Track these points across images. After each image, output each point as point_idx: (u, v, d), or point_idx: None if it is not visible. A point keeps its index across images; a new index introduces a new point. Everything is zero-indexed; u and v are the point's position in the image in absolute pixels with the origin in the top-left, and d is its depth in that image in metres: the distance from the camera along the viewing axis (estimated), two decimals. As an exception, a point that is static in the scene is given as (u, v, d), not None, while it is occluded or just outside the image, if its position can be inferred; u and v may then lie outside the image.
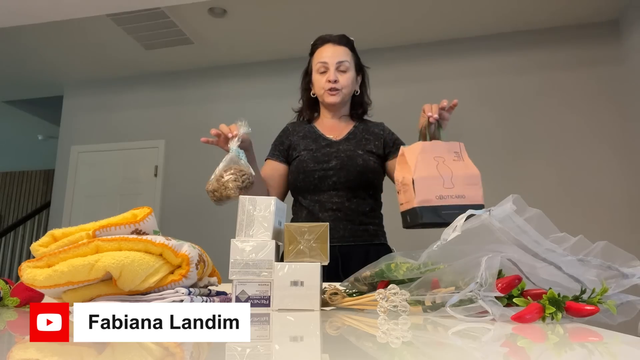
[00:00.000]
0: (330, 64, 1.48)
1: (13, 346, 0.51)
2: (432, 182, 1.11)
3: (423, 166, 1.13)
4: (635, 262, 0.69)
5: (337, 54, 1.49)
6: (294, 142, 1.55)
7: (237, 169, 1.22)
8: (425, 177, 1.11)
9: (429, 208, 1.09)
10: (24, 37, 4.04)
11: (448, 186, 1.11)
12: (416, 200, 1.10)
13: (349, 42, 1.54)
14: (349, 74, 1.50)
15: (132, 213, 0.81)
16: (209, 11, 3.64)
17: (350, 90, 1.52)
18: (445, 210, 1.09)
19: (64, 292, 0.73)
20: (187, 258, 0.76)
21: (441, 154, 1.16)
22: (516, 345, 0.51)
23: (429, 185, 1.11)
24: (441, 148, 1.17)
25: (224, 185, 1.20)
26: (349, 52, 1.51)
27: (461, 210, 1.06)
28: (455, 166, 1.14)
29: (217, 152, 1.32)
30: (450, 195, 1.11)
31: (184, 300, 0.72)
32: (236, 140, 1.28)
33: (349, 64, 1.50)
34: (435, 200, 1.10)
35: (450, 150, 1.17)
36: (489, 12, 3.61)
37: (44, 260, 0.72)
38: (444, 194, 1.11)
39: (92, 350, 0.48)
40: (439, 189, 1.11)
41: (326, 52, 1.50)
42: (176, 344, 0.50)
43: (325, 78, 1.49)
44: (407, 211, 1.14)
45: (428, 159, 1.14)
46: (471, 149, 1.21)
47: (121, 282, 0.71)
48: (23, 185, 7.65)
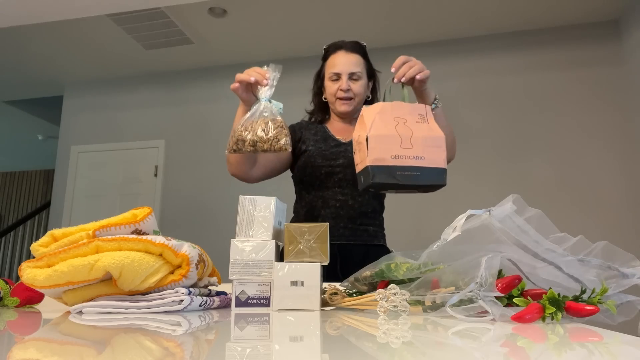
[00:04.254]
0: (343, 73, 1.47)
1: (13, 346, 0.51)
2: (388, 140, 1.03)
3: (380, 125, 1.04)
4: (635, 262, 0.69)
5: (350, 63, 1.48)
6: (304, 135, 1.55)
7: (279, 123, 1.12)
8: (380, 135, 1.03)
9: (382, 167, 1.01)
10: (24, 37, 4.04)
11: (406, 146, 1.03)
12: (369, 159, 1.01)
13: (361, 48, 1.53)
14: (361, 82, 1.49)
15: (132, 213, 0.81)
16: (209, 11, 3.64)
17: (362, 98, 1.52)
18: (401, 171, 1.02)
19: (64, 292, 0.73)
20: (187, 258, 0.76)
21: (402, 115, 1.07)
22: (516, 345, 0.51)
23: (384, 143, 1.02)
24: (404, 109, 1.08)
25: (276, 138, 1.10)
26: (361, 60, 1.51)
27: (418, 171, 1.03)
28: (418, 128, 1.06)
29: (217, 152, 1.31)
30: (407, 155, 1.02)
31: (183, 300, 0.72)
32: (268, 89, 1.15)
33: (361, 72, 1.49)
34: (389, 160, 1.01)
35: (414, 112, 1.09)
36: (489, 12, 3.61)
37: (44, 260, 0.72)
38: (400, 153, 1.02)
39: (92, 350, 0.48)
40: (395, 149, 1.02)
41: (339, 60, 1.49)
42: (176, 344, 0.50)
43: (338, 86, 1.48)
44: (360, 172, 1.06)
45: (387, 119, 1.05)
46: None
47: (121, 282, 0.71)
48: (23, 185, 7.65)
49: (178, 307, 0.72)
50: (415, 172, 1.03)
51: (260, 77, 1.15)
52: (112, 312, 0.70)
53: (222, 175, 4.64)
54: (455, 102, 3.77)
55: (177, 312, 0.72)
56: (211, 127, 4.38)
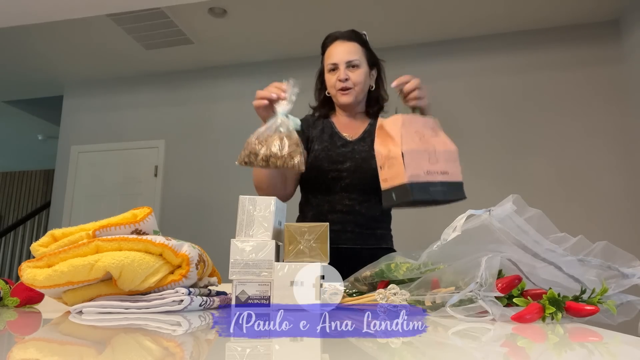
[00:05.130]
0: (340, 62, 1.43)
1: (13, 346, 0.51)
2: (420, 155, 1.01)
3: (409, 139, 1.02)
4: (635, 262, 0.69)
5: (346, 51, 1.44)
6: (312, 134, 1.51)
7: (295, 140, 1.09)
8: (413, 151, 1.01)
9: (419, 184, 0.99)
10: (24, 37, 4.04)
11: (433, 161, 1.02)
12: (407, 175, 0.98)
13: (357, 36, 1.48)
14: (360, 70, 1.44)
15: (132, 213, 0.81)
16: (209, 11, 3.64)
17: (363, 88, 1.47)
18: (433, 187, 1.00)
19: (64, 292, 0.73)
20: (187, 258, 0.76)
21: (420, 129, 1.06)
22: (516, 345, 0.51)
23: (417, 159, 1.01)
24: (419, 122, 1.07)
25: (290, 156, 1.07)
26: (358, 47, 1.46)
27: (445, 187, 1.03)
28: (436, 141, 1.06)
29: (217, 152, 1.31)
30: (436, 170, 1.02)
31: (184, 300, 0.72)
32: (287, 103, 1.13)
33: (359, 60, 1.44)
34: (423, 176, 1.00)
35: (427, 125, 1.08)
36: (489, 12, 3.61)
37: (44, 260, 0.72)
38: (430, 169, 1.01)
39: (92, 350, 0.48)
40: (426, 164, 1.01)
41: (335, 50, 1.45)
42: (176, 344, 0.50)
43: (336, 77, 1.44)
44: (393, 188, 1.03)
45: (411, 132, 1.04)
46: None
47: (121, 282, 0.71)
48: (23, 185, 7.65)
49: (178, 307, 0.72)
50: (444, 188, 1.02)
51: (279, 92, 1.15)
52: (112, 312, 0.70)
53: (222, 175, 4.65)
54: (455, 101, 3.77)
55: (177, 312, 0.72)
56: (211, 127, 4.38)
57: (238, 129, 3.16)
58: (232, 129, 4.15)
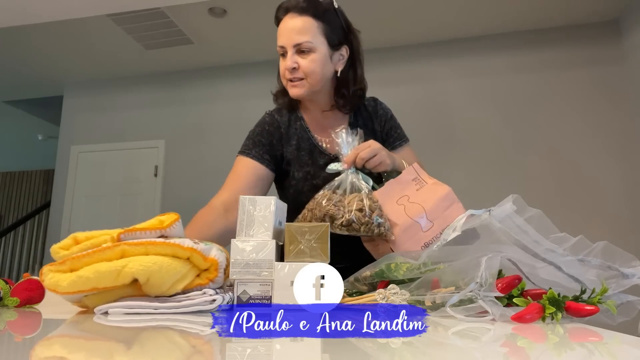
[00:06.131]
0: (287, 46, 1.13)
1: (36, 344, 0.51)
2: (409, 231, 0.94)
3: (393, 217, 0.95)
4: (635, 262, 0.69)
5: (295, 30, 1.12)
6: (287, 154, 1.22)
7: (375, 200, 0.97)
8: (403, 230, 0.93)
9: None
10: (25, 37, 4.04)
11: (427, 228, 0.94)
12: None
13: (313, 6, 1.14)
14: (313, 55, 1.13)
15: (158, 219, 0.77)
16: (209, 11, 3.64)
17: (320, 77, 1.15)
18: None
19: (86, 295, 0.70)
20: (217, 263, 0.73)
21: (401, 193, 0.98)
22: (516, 345, 0.51)
23: (409, 237, 0.94)
24: (396, 188, 0.98)
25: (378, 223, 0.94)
26: (312, 23, 1.13)
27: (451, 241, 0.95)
28: (423, 197, 0.97)
29: (217, 152, 1.29)
30: (434, 237, 0.94)
31: (216, 299, 0.69)
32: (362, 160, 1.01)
33: (313, 42, 1.12)
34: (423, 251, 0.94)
35: (406, 182, 0.99)
36: (489, 13, 3.61)
37: (67, 264, 0.69)
38: (427, 239, 0.94)
39: (121, 346, 0.48)
40: (420, 236, 0.94)
41: (283, 28, 1.15)
42: (204, 342, 0.50)
43: (284, 65, 1.16)
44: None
45: (392, 208, 0.96)
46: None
47: (148, 287, 0.68)
48: (23, 185, 7.65)
49: (211, 306, 0.69)
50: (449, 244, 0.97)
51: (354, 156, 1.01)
52: (140, 313, 0.67)
53: (222, 175, 4.63)
54: (454, 101, 3.77)
55: (209, 311, 0.70)
56: (211, 127, 4.38)
57: (238, 129, 3.17)
58: (232, 129, 4.14)
